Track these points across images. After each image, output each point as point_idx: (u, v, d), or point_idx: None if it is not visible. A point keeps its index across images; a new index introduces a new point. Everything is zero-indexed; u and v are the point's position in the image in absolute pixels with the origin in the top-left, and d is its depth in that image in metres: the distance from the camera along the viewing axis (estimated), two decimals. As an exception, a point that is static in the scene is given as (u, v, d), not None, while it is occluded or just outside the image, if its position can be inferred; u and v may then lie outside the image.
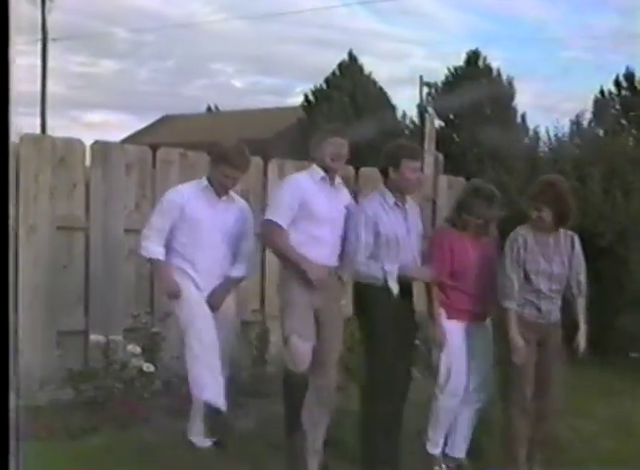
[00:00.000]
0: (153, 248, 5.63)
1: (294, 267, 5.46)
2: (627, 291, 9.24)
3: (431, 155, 10.02)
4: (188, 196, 5.69)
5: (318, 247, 5.51)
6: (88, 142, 6.97)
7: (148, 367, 6.45)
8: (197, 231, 5.66)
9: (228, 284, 5.82)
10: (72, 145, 6.84)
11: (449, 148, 16.94)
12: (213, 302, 5.68)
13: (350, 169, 8.96)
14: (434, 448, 5.79)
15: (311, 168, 5.68)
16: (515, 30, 73.54)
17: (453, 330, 5.61)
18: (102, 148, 7.01)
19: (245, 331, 7.39)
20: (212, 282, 5.72)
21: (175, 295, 5.57)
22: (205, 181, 5.74)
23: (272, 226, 5.51)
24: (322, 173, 5.58)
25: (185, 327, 5.52)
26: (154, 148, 7.43)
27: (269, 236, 5.63)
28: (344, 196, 5.80)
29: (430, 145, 10.07)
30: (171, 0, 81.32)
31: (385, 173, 5.59)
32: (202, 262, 5.66)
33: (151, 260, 5.74)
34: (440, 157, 10.18)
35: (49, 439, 5.53)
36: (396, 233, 5.52)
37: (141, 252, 5.72)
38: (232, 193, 5.84)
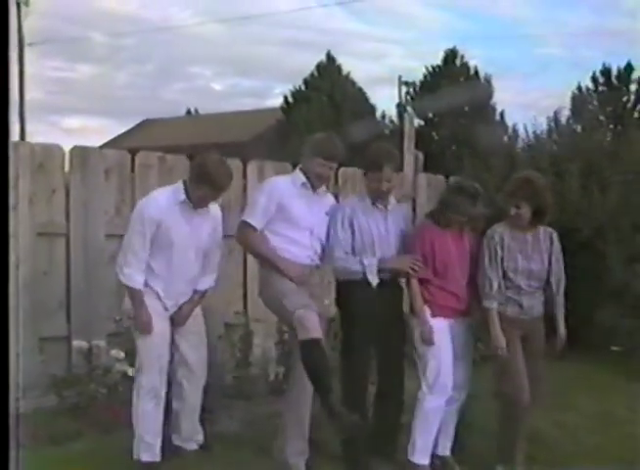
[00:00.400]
0: (135, 277, 5.40)
1: (272, 268, 5.48)
2: (606, 285, 9.28)
3: (410, 153, 10.06)
4: (166, 210, 5.40)
5: (296, 249, 5.52)
6: (67, 148, 6.98)
7: (132, 372, 6.38)
8: (170, 251, 5.46)
9: (196, 298, 5.74)
10: (51, 151, 6.84)
11: (429, 146, 16.97)
12: (180, 318, 5.62)
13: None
14: (423, 458, 5.65)
15: (294, 173, 5.71)
16: (492, 29, 73.69)
17: (439, 328, 5.56)
18: (80, 153, 7.00)
19: (228, 333, 7.38)
20: (181, 299, 5.62)
21: (147, 331, 5.40)
22: (182, 195, 5.46)
23: (246, 228, 5.54)
24: (303, 179, 5.59)
25: (141, 365, 5.47)
26: (133, 152, 7.41)
27: (243, 237, 5.66)
28: (328, 203, 5.80)
29: (409, 144, 10.10)
30: (149, 4, 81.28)
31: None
32: (173, 282, 5.52)
33: (130, 289, 5.45)
34: (420, 155, 10.22)
35: (33, 446, 5.49)
36: (373, 233, 5.56)
37: (122, 279, 5.43)
38: None
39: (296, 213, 5.53)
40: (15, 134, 28.24)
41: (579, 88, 24.46)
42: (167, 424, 5.63)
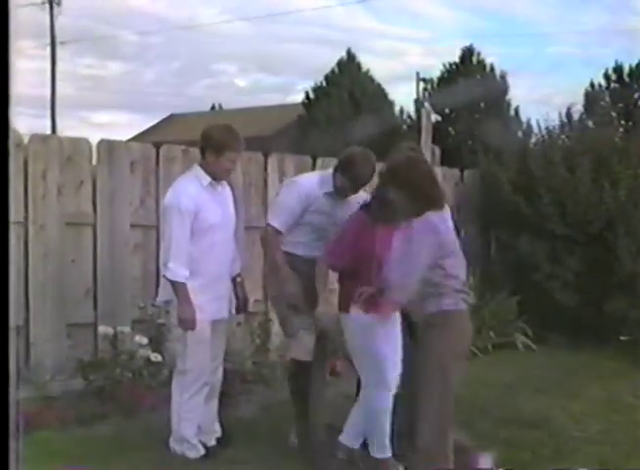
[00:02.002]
0: (180, 271, 5.27)
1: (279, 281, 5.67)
2: (616, 276, 9.42)
3: (427, 148, 10.21)
4: (197, 199, 5.33)
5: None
6: (96, 141, 7.15)
7: (155, 357, 6.53)
8: (211, 239, 5.41)
9: (239, 280, 5.80)
10: (79, 144, 7.01)
11: (445, 141, 17.07)
12: (243, 303, 5.81)
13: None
14: (383, 452, 5.32)
15: (324, 175, 5.77)
16: (507, 27, 73.64)
17: (371, 324, 5.07)
18: (107, 146, 7.18)
19: (247, 321, 7.55)
20: (222, 293, 5.58)
21: (191, 327, 5.33)
22: (206, 177, 5.42)
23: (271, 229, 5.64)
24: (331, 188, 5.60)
25: (185, 360, 5.47)
26: (159, 146, 7.61)
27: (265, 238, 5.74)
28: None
29: (427, 138, 10.25)
30: (175, 3, 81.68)
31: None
32: (213, 275, 5.45)
33: (175, 284, 5.33)
34: (437, 150, 10.38)
35: (61, 427, 5.66)
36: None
37: (168, 275, 5.32)
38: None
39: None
40: (46, 129, 28.57)
41: (592, 85, 24.52)
42: None
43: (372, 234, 5.10)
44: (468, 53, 25.63)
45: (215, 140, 5.44)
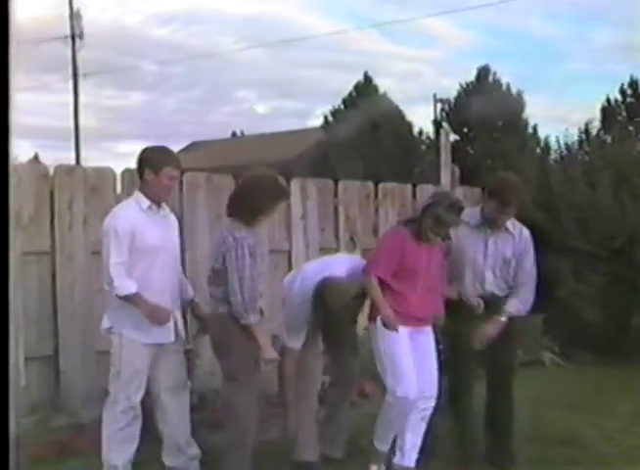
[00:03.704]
0: (127, 284, 5.21)
1: None
2: (640, 291, 9.41)
3: (447, 167, 10.24)
4: (135, 222, 5.27)
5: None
6: (119, 171, 7.20)
7: None
8: (150, 262, 5.35)
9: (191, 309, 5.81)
10: (104, 174, 7.09)
11: (464, 160, 17.14)
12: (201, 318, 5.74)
13: (370, 185, 9.30)
14: (382, 445, 5.72)
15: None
16: (522, 46, 74.12)
17: (397, 335, 5.46)
18: (131, 175, 7.13)
19: (275, 344, 7.52)
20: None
21: (167, 320, 5.36)
22: (145, 200, 5.36)
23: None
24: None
25: (116, 381, 5.42)
26: (182, 173, 7.64)
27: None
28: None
29: (446, 158, 10.27)
30: (195, 32, 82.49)
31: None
32: (152, 298, 5.31)
33: (127, 297, 5.23)
34: (456, 169, 10.39)
35: (94, 453, 5.61)
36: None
37: (117, 292, 5.21)
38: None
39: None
40: (71, 160, 28.82)
41: (608, 101, 24.63)
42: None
43: (418, 249, 5.53)
44: (484, 72, 25.80)
45: (152, 158, 5.37)
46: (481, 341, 5.76)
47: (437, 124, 25.11)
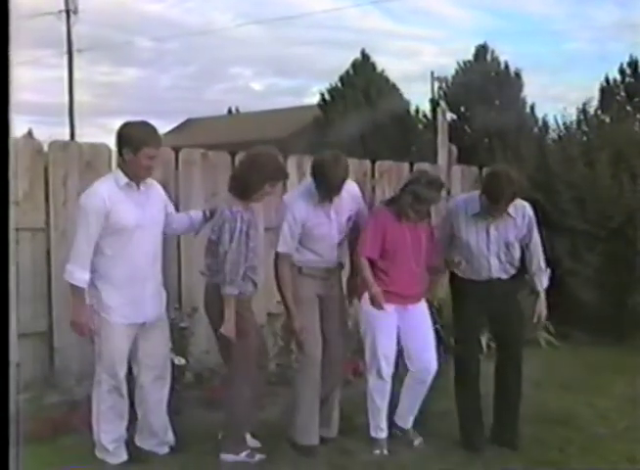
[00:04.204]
0: (77, 274, 5.17)
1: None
2: (638, 271, 9.40)
3: (444, 147, 10.23)
4: (109, 200, 5.18)
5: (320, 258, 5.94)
6: (115, 147, 7.15)
7: (179, 360, 6.46)
8: (125, 241, 5.29)
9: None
10: (99, 149, 7.01)
11: (462, 139, 17.13)
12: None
13: (367, 163, 9.25)
14: (377, 433, 5.95)
15: (306, 186, 5.89)
16: (521, 25, 74.04)
17: (378, 312, 5.74)
18: None
19: (270, 322, 7.60)
20: (138, 296, 5.39)
21: (81, 332, 5.34)
22: (123, 177, 5.28)
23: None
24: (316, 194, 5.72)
25: (99, 372, 5.44)
26: (177, 150, 7.60)
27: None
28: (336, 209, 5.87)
29: (443, 137, 10.28)
30: (191, 9, 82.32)
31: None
32: (126, 277, 5.32)
33: (71, 286, 5.23)
34: (454, 148, 10.38)
35: (87, 431, 5.63)
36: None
37: (65, 276, 5.22)
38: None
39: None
40: (65, 136, 28.70)
41: (607, 80, 24.51)
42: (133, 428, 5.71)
43: (400, 227, 5.75)
44: (482, 51, 25.70)
45: (131, 137, 5.24)
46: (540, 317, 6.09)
47: (435, 103, 25.01)
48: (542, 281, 6.04)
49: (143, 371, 5.57)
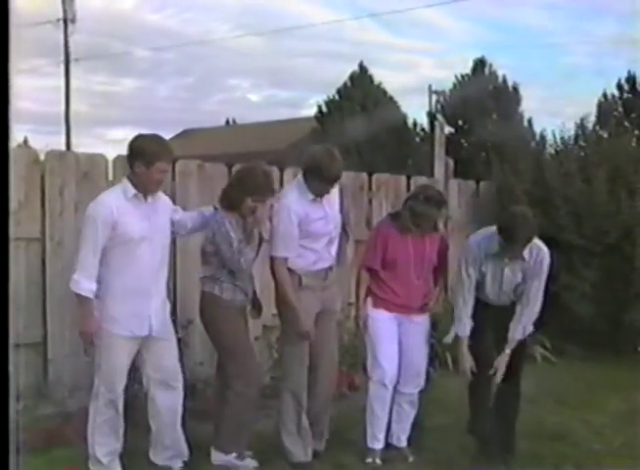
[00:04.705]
0: (83, 284, 5.17)
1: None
2: (635, 287, 9.38)
3: (441, 160, 10.23)
4: (117, 211, 5.17)
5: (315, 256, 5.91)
6: (112, 157, 7.10)
7: None
8: (131, 252, 5.27)
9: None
10: (96, 160, 6.99)
11: (459, 153, 17.15)
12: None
13: (364, 176, 9.25)
14: (373, 443, 5.98)
15: (299, 186, 5.80)
16: (519, 39, 73.99)
17: (379, 319, 5.92)
18: (123, 162, 7.11)
19: (265, 335, 7.58)
20: (143, 308, 5.38)
21: (88, 341, 5.36)
22: (131, 189, 5.27)
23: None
24: (311, 195, 5.70)
25: (99, 372, 5.39)
26: (174, 161, 7.58)
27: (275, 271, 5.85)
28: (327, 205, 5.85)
29: (440, 150, 10.28)
30: (189, 19, 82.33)
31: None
32: (131, 289, 5.30)
33: (77, 296, 5.24)
34: (451, 161, 10.38)
35: (80, 443, 5.61)
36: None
37: (72, 286, 5.22)
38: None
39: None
40: (61, 146, 28.70)
41: (605, 95, 24.49)
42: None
43: (403, 240, 5.85)
44: (480, 65, 25.67)
45: (144, 151, 5.24)
46: (497, 371, 5.84)
47: (432, 116, 25.00)
48: (517, 332, 5.87)
49: (152, 383, 5.57)
